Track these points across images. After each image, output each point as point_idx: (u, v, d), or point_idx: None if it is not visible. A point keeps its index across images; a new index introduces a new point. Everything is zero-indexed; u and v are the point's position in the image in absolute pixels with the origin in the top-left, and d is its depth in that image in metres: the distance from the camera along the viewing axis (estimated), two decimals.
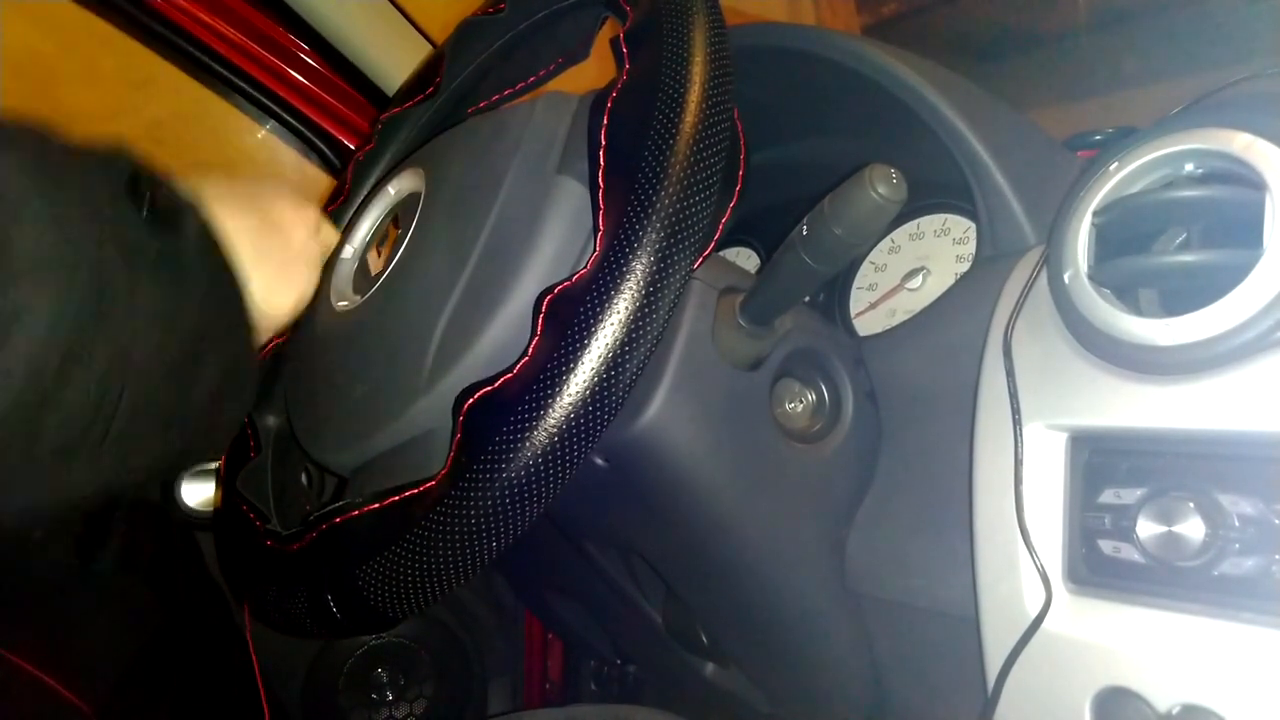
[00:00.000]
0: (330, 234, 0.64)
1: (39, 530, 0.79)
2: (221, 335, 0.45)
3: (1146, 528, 0.44)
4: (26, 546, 0.79)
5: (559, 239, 0.50)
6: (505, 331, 0.49)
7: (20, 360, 0.35)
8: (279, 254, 0.55)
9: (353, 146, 1.05)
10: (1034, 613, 0.47)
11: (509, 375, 0.43)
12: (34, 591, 0.82)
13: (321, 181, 1.15)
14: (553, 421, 0.40)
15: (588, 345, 0.40)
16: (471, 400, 0.44)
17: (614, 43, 0.52)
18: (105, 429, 0.39)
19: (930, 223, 0.73)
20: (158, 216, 0.42)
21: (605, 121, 0.48)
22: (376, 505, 0.46)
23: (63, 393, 0.37)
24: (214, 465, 0.66)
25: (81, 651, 0.81)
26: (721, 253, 0.90)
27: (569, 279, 0.43)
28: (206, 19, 0.96)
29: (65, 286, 0.36)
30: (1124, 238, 0.48)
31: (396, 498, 0.45)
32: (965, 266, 0.69)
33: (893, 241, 0.75)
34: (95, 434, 0.39)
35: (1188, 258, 0.46)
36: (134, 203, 0.41)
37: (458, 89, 0.73)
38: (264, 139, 1.20)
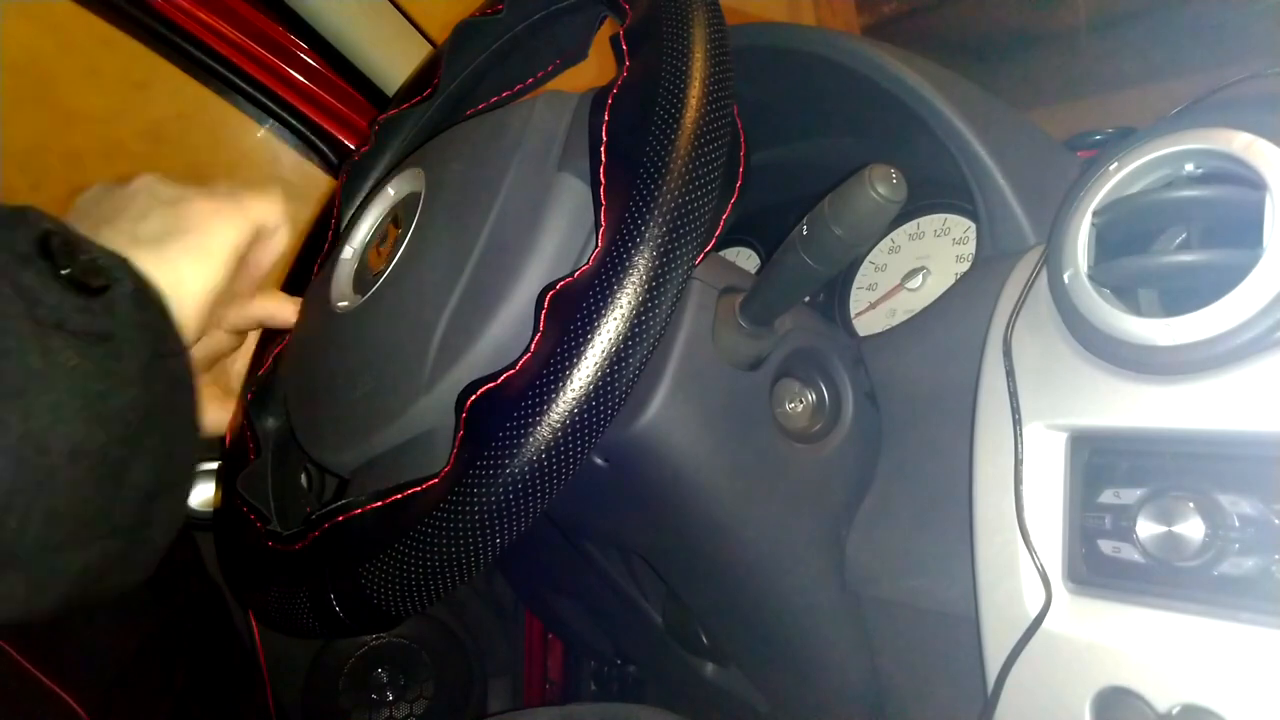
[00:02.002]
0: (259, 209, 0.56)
1: None
2: (160, 420, 0.39)
3: (1146, 528, 0.44)
4: None
5: (560, 235, 0.50)
6: (507, 329, 0.49)
7: None
8: (187, 232, 0.49)
9: (352, 146, 1.05)
10: (1034, 613, 0.47)
11: (512, 371, 0.43)
12: None
13: (321, 181, 1.15)
14: (556, 417, 0.40)
15: (591, 340, 0.40)
16: (475, 396, 0.44)
17: (614, 40, 0.52)
18: (15, 537, 0.32)
19: (930, 223, 0.73)
20: (78, 282, 0.36)
21: (606, 118, 0.48)
22: (379, 503, 0.46)
23: None
24: (214, 465, 0.66)
25: (79, 651, 0.81)
26: (721, 253, 0.90)
27: (571, 275, 0.43)
28: (206, 19, 0.96)
29: None
30: (1124, 238, 0.48)
31: (399, 495, 0.45)
32: (965, 266, 0.69)
33: (893, 241, 0.75)
34: (4, 541, 0.33)
35: (1188, 258, 0.46)
36: (48, 266, 0.35)
37: (456, 90, 0.73)
38: (263, 138, 1.20)
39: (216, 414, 0.70)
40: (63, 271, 0.36)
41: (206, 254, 0.50)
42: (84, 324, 0.35)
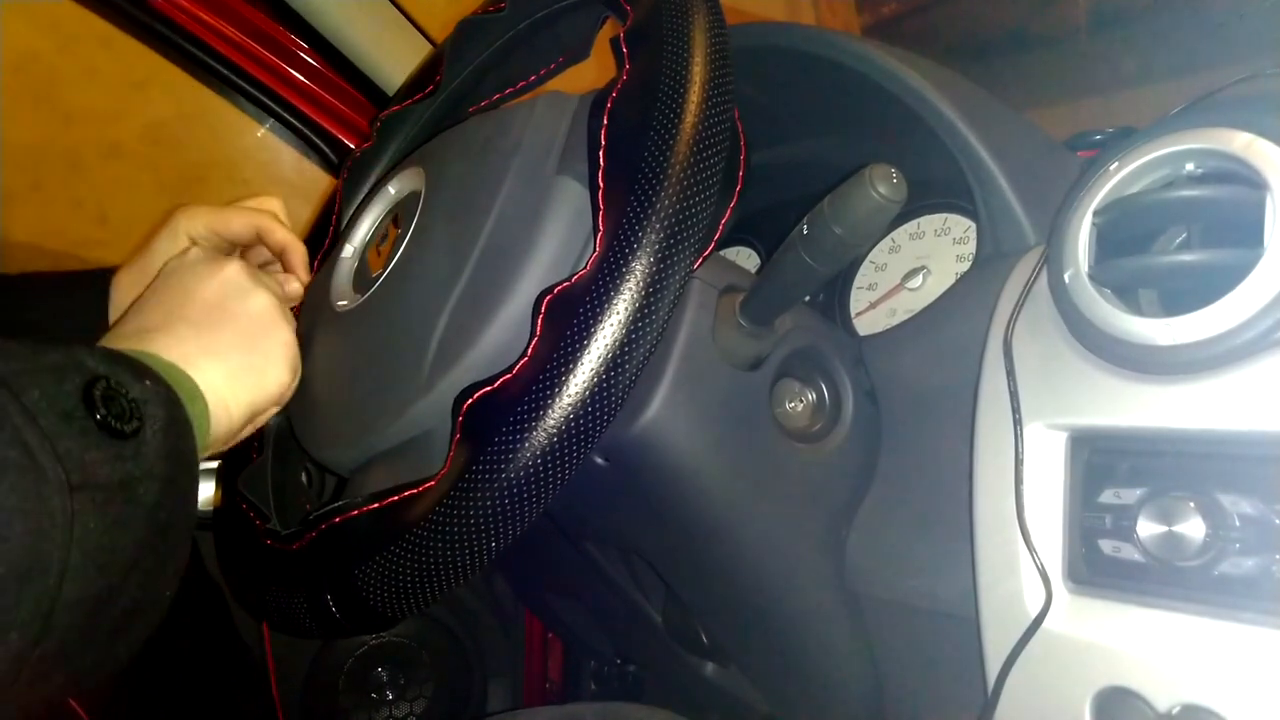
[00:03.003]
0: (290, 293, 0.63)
1: None
2: (159, 550, 0.40)
3: (1147, 527, 0.44)
4: None
5: (558, 239, 0.50)
6: (505, 332, 0.49)
7: None
8: (260, 366, 0.53)
9: (352, 145, 1.05)
10: (1034, 612, 0.47)
11: (508, 376, 0.43)
12: None
13: (321, 180, 1.15)
14: (551, 423, 0.40)
15: (587, 347, 0.40)
16: (470, 401, 0.44)
17: (614, 43, 0.52)
18: (22, 678, 0.34)
19: (930, 222, 0.73)
20: (112, 429, 0.37)
21: (605, 122, 0.48)
22: (376, 505, 0.46)
23: None
24: (214, 465, 0.66)
25: None
26: (721, 253, 0.90)
27: (568, 280, 0.43)
28: (206, 18, 0.96)
29: None
30: (1124, 237, 0.48)
31: (396, 498, 0.45)
32: (965, 266, 0.69)
33: (893, 241, 0.75)
34: (12, 685, 0.34)
35: (1188, 257, 0.46)
36: (88, 412, 0.37)
37: (458, 88, 0.73)
38: (263, 138, 1.20)
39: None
40: (98, 416, 0.37)
41: (262, 381, 0.53)
42: (109, 475, 0.37)
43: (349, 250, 0.66)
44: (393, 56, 1.04)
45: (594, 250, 0.43)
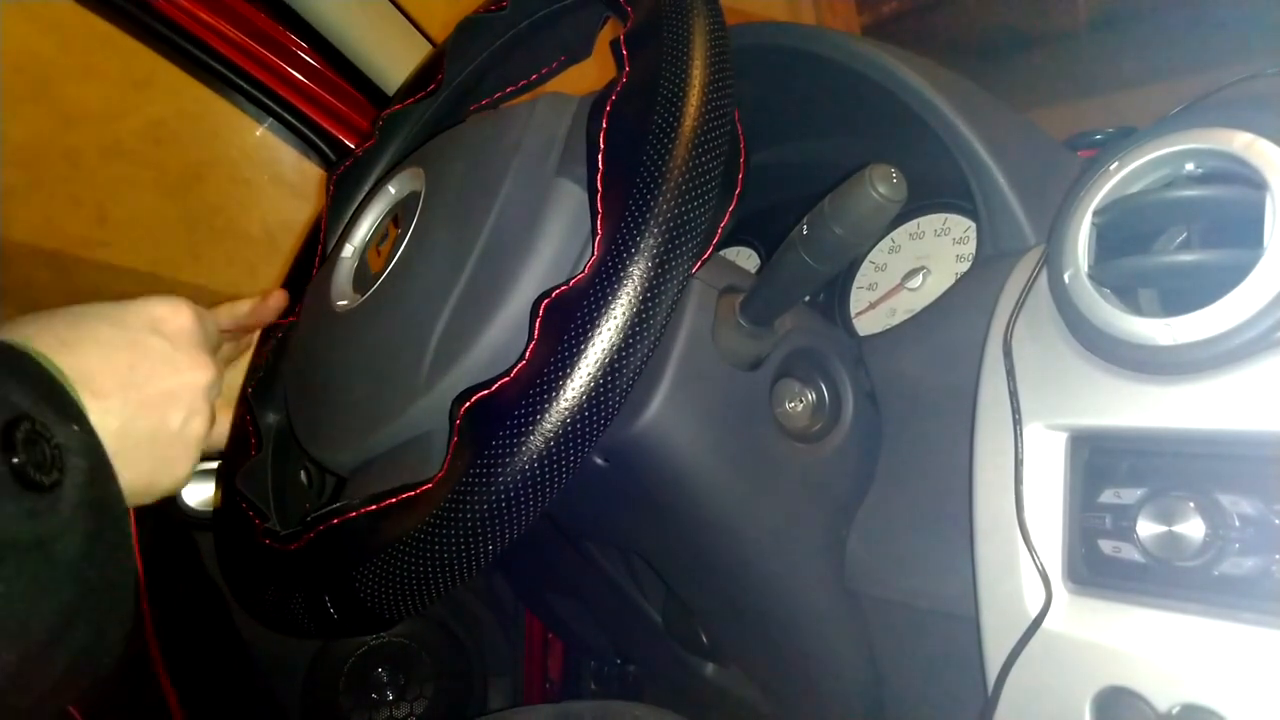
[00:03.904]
0: (214, 403, 0.54)
1: None
2: (93, 611, 0.37)
3: (1146, 527, 0.44)
4: None
5: (557, 242, 0.50)
6: (503, 334, 0.49)
7: None
8: (157, 444, 0.48)
9: (352, 145, 1.05)
10: (1034, 612, 0.47)
11: (505, 379, 0.43)
12: None
13: (321, 180, 1.15)
14: (548, 427, 0.40)
15: (584, 352, 0.40)
16: (468, 404, 0.44)
17: (614, 44, 0.52)
18: None
19: (930, 222, 0.73)
20: (29, 480, 0.34)
21: (604, 124, 0.48)
22: (374, 507, 0.46)
23: None
24: (214, 464, 0.66)
25: None
26: (721, 253, 0.89)
27: (566, 283, 0.43)
28: (206, 18, 0.96)
29: None
30: (1124, 237, 0.48)
31: (394, 499, 0.45)
32: (965, 266, 0.69)
33: (893, 241, 0.75)
34: None
35: (1188, 257, 0.46)
36: (4, 457, 0.34)
37: (459, 87, 0.73)
38: (263, 137, 1.20)
39: (219, 426, 0.70)
40: (15, 461, 0.34)
41: (188, 448, 0.50)
42: (22, 533, 0.34)
43: (349, 250, 0.66)
44: (393, 56, 1.04)
45: (592, 254, 0.43)
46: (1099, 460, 0.48)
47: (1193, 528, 0.43)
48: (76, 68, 1.16)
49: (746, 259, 0.89)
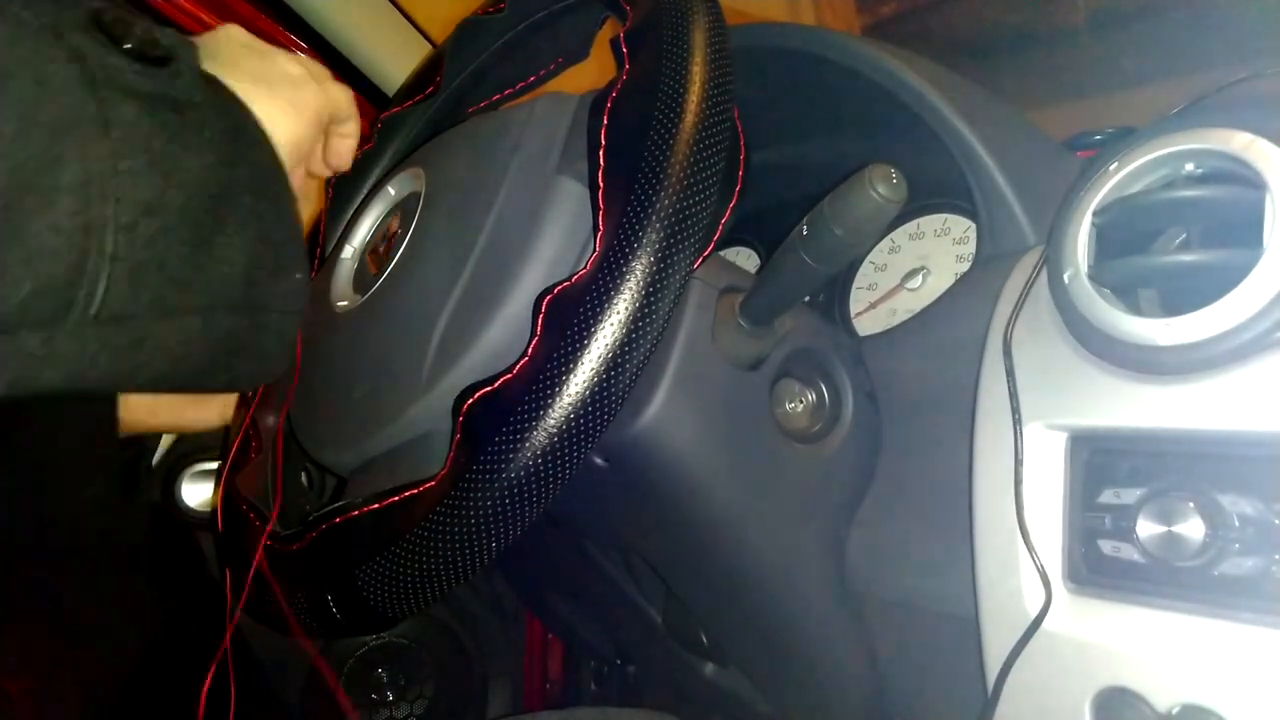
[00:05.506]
0: (334, 89, 0.55)
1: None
2: (246, 198, 0.38)
3: (1146, 528, 0.44)
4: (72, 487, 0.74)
5: (558, 239, 0.50)
6: (504, 332, 0.49)
7: None
8: (276, 82, 0.48)
9: None
10: (1034, 612, 0.47)
11: (508, 376, 0.43)
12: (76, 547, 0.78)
13: (319, 181, 1.14)
14: (552, 422, 0.40)
15: (587, 346, 0.40)
16: (471, 401, 0.44)
17: (614, 43, 0.52)
18: (94, 292, 0.32)
19: (930, 223, 0.73)
20: (137, 52, 0.34)
21: (605, 121, 0.48)
22: (376, 506, 0.46)
23: (23, 225, 0.30)
24: (214, 465, 0.66)
25: (88, 650, 0.81)
26: (721, 253, 0.90)
27: (568, 279, 0.43)
28: (206, 18, 0.96)
29: None
30: (1124, 238, 0.48)
31: (396, 498, 0.45)
32: (965, 266, 0.69)
33: (893, 241, 0.75)
34: (79, 298, 0.32)
35: (1188, 258, 0.46)
36: (101, 37, 0.34)
37: (457, 89, 0.73)
38: None
39: (204, 412, 0.69)
40: (120, 43, 0.34)
41: (296, 109, 0.48)
42: (148, 87, 0.34)
43: (349, 250, 0.66)
44: (393, 57, 1.04)
45: (594, 250, 0.43)
46: (1099, 460, 0.48)
47: (1193, 528, 0.43)
48: None
49: (746, 259, 0.89)
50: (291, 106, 0.48)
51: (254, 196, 0.39)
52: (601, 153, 0.47)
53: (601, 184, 0.46)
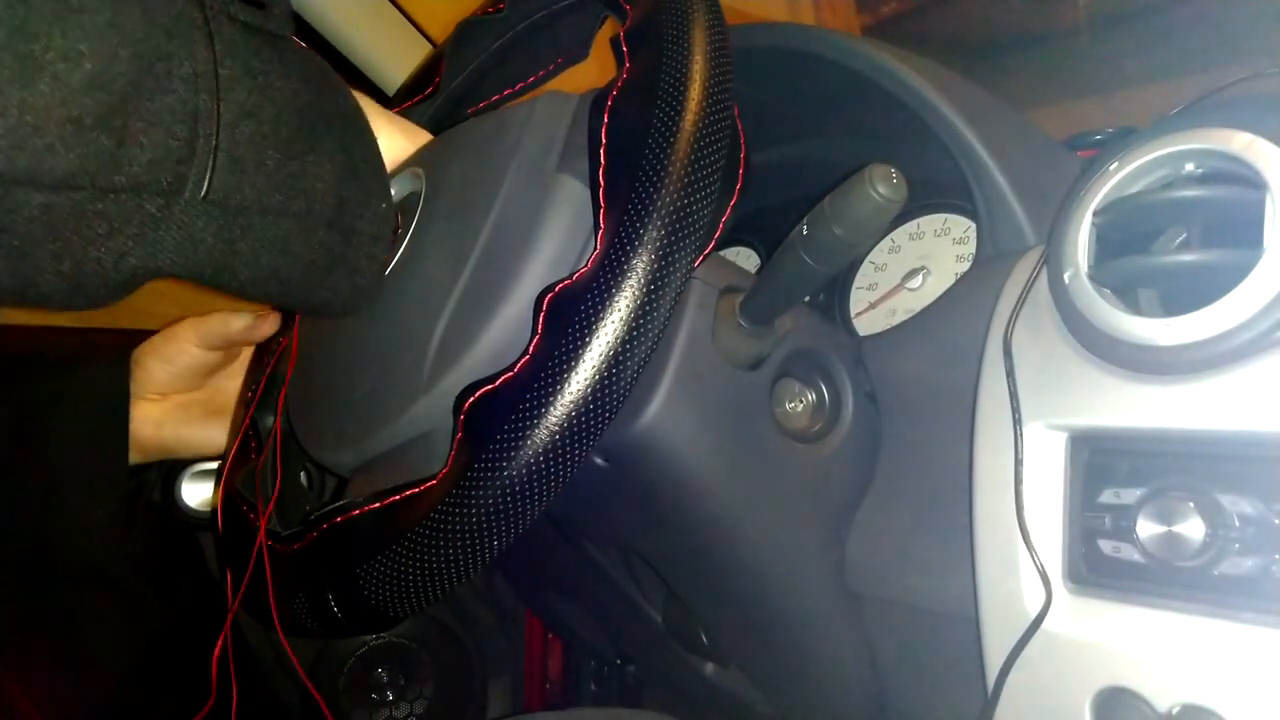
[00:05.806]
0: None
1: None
2: (334, 129, 0.43)
3: (1146, 528, 0.44)
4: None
5: (559, 238, 0.50)
6: (505, 331, 0.49)
7: (91, 45, 0.33)
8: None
9: None
10: (1034, 612, 0.47)
11: (509, 374, 0.43)
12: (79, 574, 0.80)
13: None
14: (554, 420, 0.40)
15: (589, 343, 0.40)
16: (472, 399, 0.44)
17: (614, 41, 0.52)
18: (202, 175, 0.37)
19: (930, 223, 0.73)
20: None
21: (605, 120, 0.48)
22: (377, 505, 0.46)
23: (145, 101, 0.35)
24: (214, 465, 0.66)
25: (90, 649, 0.81)
26: (721, 253, 0.89)
27: (569, 277, 0.43)
28: None
29: None
30: (1124, 238, 0.48)
31: (397, 497, 0.45)
32: (965, 266, 0.69)
33: (893, 241, 0.75)
34: (190, 175, 0.37)
35: (1188, 258, 0.46)
36: None
37: (457, 89, 0.73)
38: None
39: (212, 432, 0.71)
40: None
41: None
42: (246, 16, 0.39)
43: None
44: (393, 57, 1.04)
45: (595, 248, 0.43)
46: (1099, 460, 0.48)
47: (1193, 528, 0.43)
48: None
49: (746, 259, 0.89)
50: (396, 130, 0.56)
51: (340, 130, 0.45)
52: (602, 151, 0.47)
53: (602, 182, 0.46)
